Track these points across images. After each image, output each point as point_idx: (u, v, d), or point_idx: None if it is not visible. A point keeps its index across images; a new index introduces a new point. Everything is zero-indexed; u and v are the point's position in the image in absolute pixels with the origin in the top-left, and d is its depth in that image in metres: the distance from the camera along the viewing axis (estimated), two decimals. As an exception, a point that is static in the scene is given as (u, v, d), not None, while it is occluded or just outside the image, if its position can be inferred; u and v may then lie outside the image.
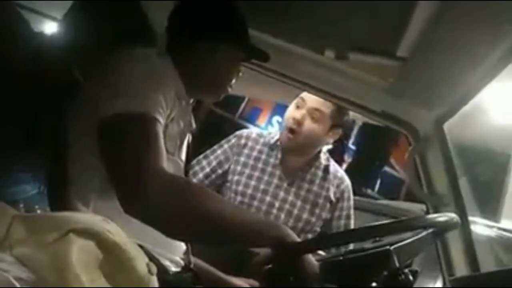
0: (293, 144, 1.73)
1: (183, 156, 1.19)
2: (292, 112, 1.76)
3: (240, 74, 1.25)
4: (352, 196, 1.83)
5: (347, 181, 1.83)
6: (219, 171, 1.77)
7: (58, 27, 1.26)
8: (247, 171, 1.75)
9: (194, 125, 1.23)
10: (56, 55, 1.13)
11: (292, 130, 1.72)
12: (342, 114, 1.75)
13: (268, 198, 1.72)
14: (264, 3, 1.25)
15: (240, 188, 1.73)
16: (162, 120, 0.97)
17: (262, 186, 1.73)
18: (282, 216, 1.71)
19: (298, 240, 0.92)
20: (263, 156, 1.77)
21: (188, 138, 1.22)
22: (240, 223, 0.90)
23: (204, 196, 0.91)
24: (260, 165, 1.76)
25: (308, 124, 1.72)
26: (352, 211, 1.81)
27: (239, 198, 1.72)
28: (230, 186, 1.75)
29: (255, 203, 1.71)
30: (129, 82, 0.98)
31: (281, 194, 1.73)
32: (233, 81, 1.24)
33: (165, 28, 1.21)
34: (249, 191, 1.72)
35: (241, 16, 1.21)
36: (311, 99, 1.71)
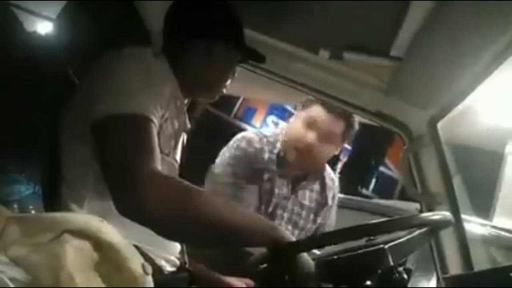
0: (302, 165, 1.69)
1: (178, 156, 1.19)
2: (302, 133, 1.64)
3: (236, 74, 1.25)
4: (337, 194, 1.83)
5: (336, 180, 1.83)
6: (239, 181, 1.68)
7: (52, 26, 1.25)
8: (251, 179, 1.67)
9: (189, 125, 1.23)
10: (50, 54, 1.12)
11: (303, 153, 1.64)
12: (353, 129, 1.69)
13: (270, 209, 1.67)
14: (259, 3, 1.25)
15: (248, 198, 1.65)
16: (156, 121, 0.97)
17: (265, 196, 1.67)
18: (289, 227, 1.67)
19: (293, 240, 0.93)
20: (269, 165, 1.68)
21: (183, 138, 1.22)
22: (235, 224, 0.90)
23: (199, 198, 0.90)
24: (265, 175, 1.67)
25: (320, 147, 1.64)
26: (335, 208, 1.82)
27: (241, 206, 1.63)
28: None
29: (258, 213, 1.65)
30: (123, 82, 0.98)
31: (288, 204, 1.69)
32: (228, 81, 1.24)
33: (160, 28, 1.21)
34: (255, 202, 1.66)
35: (237, 16, 1.21)
36: (322, 120, 1.62)
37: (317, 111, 1.64)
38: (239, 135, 1.77)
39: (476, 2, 0.94)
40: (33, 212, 0.98)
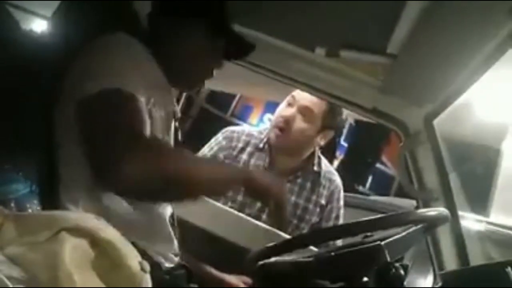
0: (282, 143, 1.69)
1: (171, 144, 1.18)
2: (282, 110, 1.71)
3: (221, 67, 1.20)
4: (342, 197, 1.78)
5: (337, 181, 1.78)
6: None
7: (48, 25, 1.25)
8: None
9: (179, 114, 1.22)
10: (46, 52, 1.12)
11: (281, 128, 1.68)
12: (334, 115, 1.70)
13: (259, 204, 1.67)
14: (255, 2, 1.25)
15: (230, 193, 1.68)
16: (140, 98, 0.96)
17: None
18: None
19: (266, 180, 0.99)
20: (253, 160, 1.72)
21: (176, 129, 1.21)
22: (216, 175, 0.98)
23: (187, 160, 0.97)
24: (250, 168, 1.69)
25: (298, 123, 1.67)
26: (341, 212, 1.77)
27: (229, 204, 1.67)
28: None
29: (246, 210, 1.66)
30: (108, 63, 0.97)
31: None
32: (211, 73, 1.19)
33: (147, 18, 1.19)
34: (239, 198, 1.68)
35: (222, 5, 1.17)
36: (302, 98, 1.67)
37: (298, 91, 1.68)
38: (226, 128, 1.82)
39: (471, 1, 0.94)
40: (30, 211, 0.98)
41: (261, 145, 1.74)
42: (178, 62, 1.14)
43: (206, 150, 1.77)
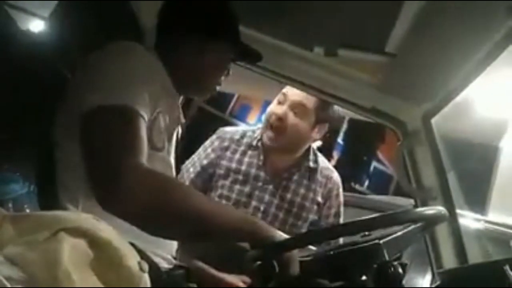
0: (276, 143, 1.67)
1: (172, 151, 1.18)
2: (274, 108, 1.69)
3: (230, 72, 1.24)
4: (341, 193, 1.77)
5: (335, 178, 1.76)
6: (205, 176, 1.72)
7: (45, 25, 1.24)
8: (231, 174, 1.69)
9: (183, 119, 1.22)
10: (45, 53, 1.12)
11: (274, 128, 1.66)
12: (328, 107, 1.68)
13: (254, 203, 1.67)
14: (254, 1, 1.25)
15: (225, 192, 1.68)
16: (145, 115, 0.95)
17: (246, 190, 1.67)
18: (268, 219, 1.65)
19: (273, 234, 0.92)
20: (246, 159, 1.71)
21: (177, 133, 1.21)
22: (217, 221, 0.90)
23: (181, 191, 0.90)
24: (243, 167, 1.70)
25: (291, 120, 1.64)
26: (341, 208, 1.76)
27: (223, 203, 1.66)
28: (215, 191, 1.69)
29: (241, 208, 1.65)
30: (114, 74, 0.97)
31: (267, 197, 1.68)
32: (222, 79, 1.22)
33: (153, 24, 1.20)
34: (234, 195, 1.67)
35: (233, 14, 1.20)
36: (293, 94, 1.65)
37: (288, 88, 1.67)
38: (220, 128, 1.81)
39: (469, 1, 0.94)
40: (27, 211, 0.97)
41: (254, 143, 1.73)
42: (190, 73, 1.15)
43: (201, 151, 1.76)
